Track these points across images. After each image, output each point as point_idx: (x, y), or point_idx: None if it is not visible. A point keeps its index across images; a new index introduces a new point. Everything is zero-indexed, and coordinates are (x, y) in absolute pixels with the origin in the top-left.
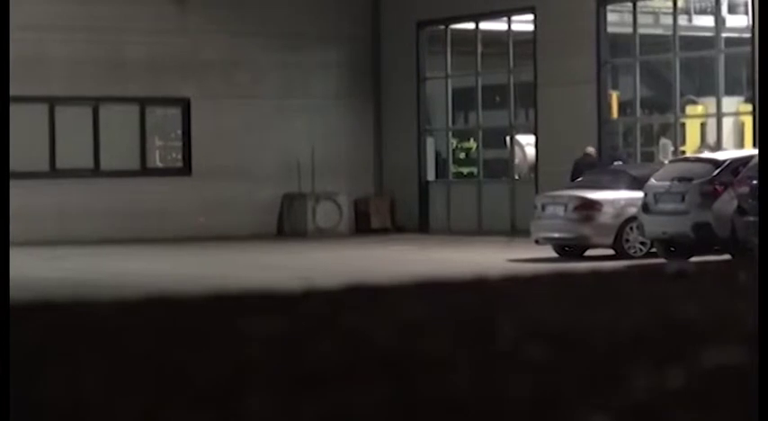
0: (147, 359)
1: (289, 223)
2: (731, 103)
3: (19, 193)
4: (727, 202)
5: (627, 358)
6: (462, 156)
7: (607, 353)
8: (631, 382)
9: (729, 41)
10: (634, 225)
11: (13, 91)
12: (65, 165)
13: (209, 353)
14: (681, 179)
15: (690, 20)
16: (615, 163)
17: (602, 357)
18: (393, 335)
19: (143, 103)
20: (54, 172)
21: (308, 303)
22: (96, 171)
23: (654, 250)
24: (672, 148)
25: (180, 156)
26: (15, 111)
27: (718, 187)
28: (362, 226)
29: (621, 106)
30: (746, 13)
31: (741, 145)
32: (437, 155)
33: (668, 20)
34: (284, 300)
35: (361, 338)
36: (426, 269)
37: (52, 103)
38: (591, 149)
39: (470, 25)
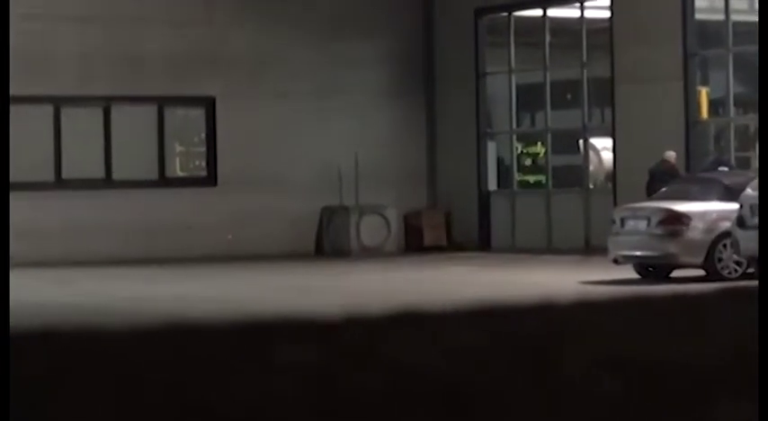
0: (165, 394)
1: (329, 240)
2: None
3: (20, 207)
4: None
5: (707, 398)
6: (528, 162)
7: (686, 391)
8: None
9: None
10: (728, 242)
11: (13, 90)
12: (72, 175)
13: (234, 387)
14: None
15: None
16: (720, 169)
17: (679, 395)
18: (444, 367)
19: (162, 103)
20: (60, 182)
21: (349, 332)
22: (108, 181)
23: (751, 270)
24: None
25: (204, 164)
26: (16, 112)
27: None
28: (413, 243)
29: (712, 105)
30: None
31: None
32: (499, 161)
33: None
34: (323, 329)
35: (406, 371)
36: (486, 293)
37: (58, 103)
38: (670, 154)
39: (537, 12)
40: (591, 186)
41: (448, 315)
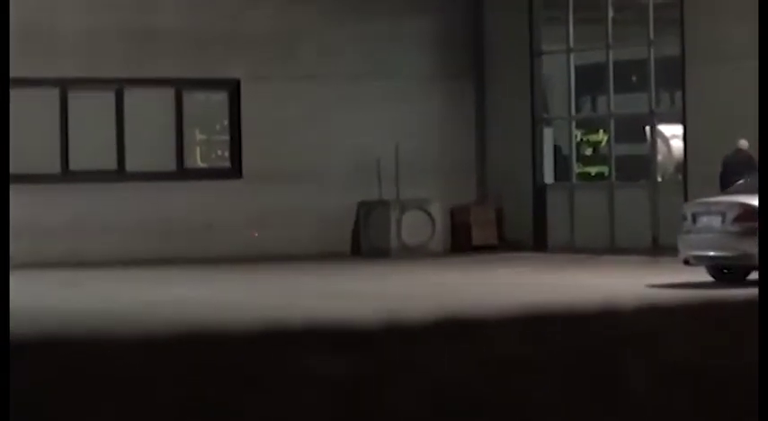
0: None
1: (366, 239)
2: None
3: (22, 202)
4: None
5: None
6: (589, 152)
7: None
8: None
9: None
10: None
11: (14, 71)
12: (80, 167)
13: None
14: None
15: None
16: None
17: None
18: (492, 382)
19: (180, 86)
20: (67, 175)
21: (387, 340)
22: (120, 173)
23: None
24: None
25: (227, 154)
26: (17, 97)
27: None
28: (461, 242)
29: None
30: None
31: None
32: (556, 151)
33: None
34: (357, 338)
35: (449, 386)
36: (541, 298)
37: (64, 86)
38: (744, 143)
39: None
40: (659, 179)
41: (497, 323)
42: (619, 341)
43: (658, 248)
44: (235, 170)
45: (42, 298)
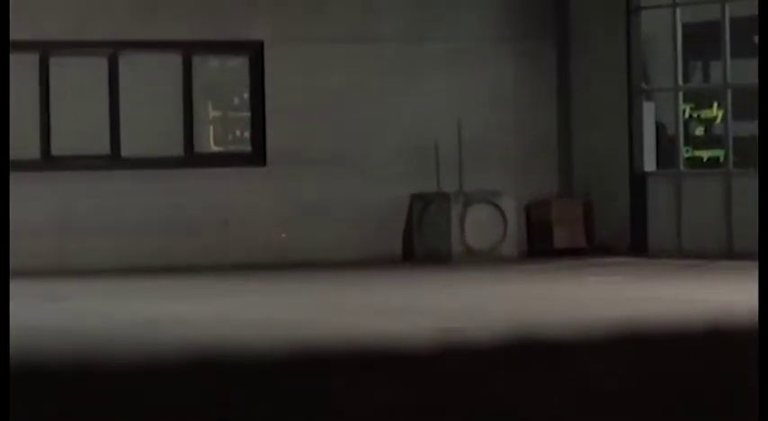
0: None
1: (421, 241)
2: None
3: None
4: None
5: None
6: (700, 131)
7: None
8: None
9: None
10: None
11: None
12: (65, 151)
13: None
14: None
15: None
16: None
17: None
18: (568, 414)
19: (188, 50)
20: (49, 161)
21: (446, 367)
22: (115, 159)
23: None
24: None
25: (247, 136)
26: None
27: None
28: (539, 244)
29: None
30: None
31: None
32: (659, 130)
33: None
34: (409, 362)
35: (518, 418)
36: (637, 314)
37: (46, 50)
38: None
39: None
40: None
41: (582, 346)
42: (726, 370)
43: None
44: (257, 155)
45: (20, 315)
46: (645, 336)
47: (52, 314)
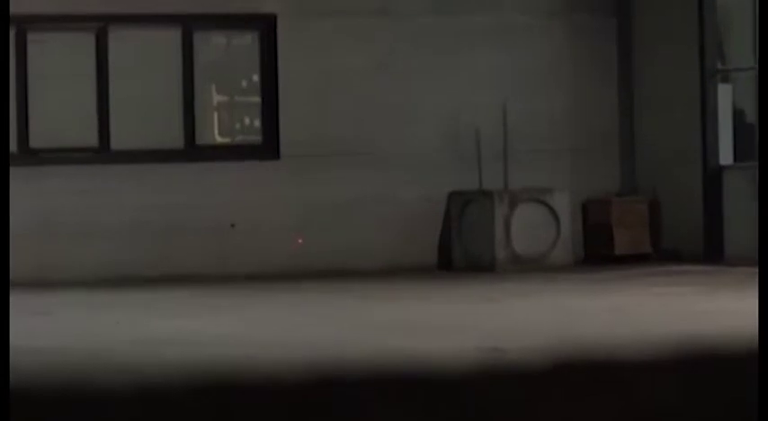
0: None
1: (460, 246)
2: None
3: None
4: None
5: None
6: None
7: None
8: None
9: None
10: None
11: None
12: (46, 143)
13: None
14: None
15: None
16: None
17: None
18: None
19: (189, 24)
20: (27, 155)
21: (487, 391)
22: (104, 153)
23: None
24: None
25: (257, 124)
26: None
27: None
28: (598, 250)
29: None
30: None
31: None
32: (737, 117)
33: None
34: (446, 388)
35: None
36: (708, 331)
37: (23, 25)
38: None
39: None
40: None
41: (642, 366)
42: None
43: None
44: (269, 147)
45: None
46: (715, 357)
47: (31, 331)
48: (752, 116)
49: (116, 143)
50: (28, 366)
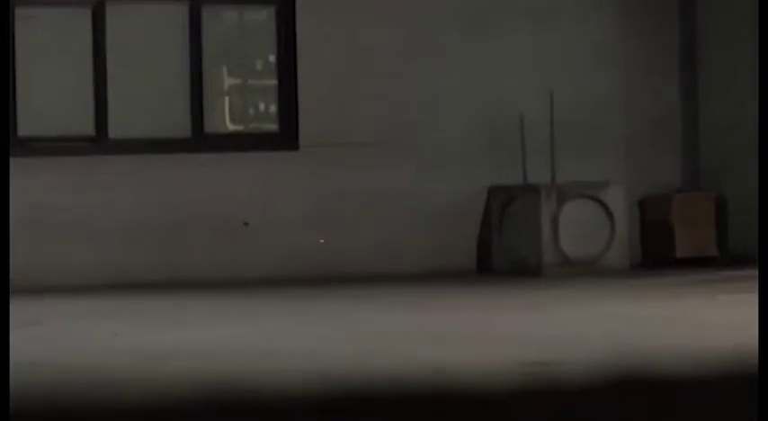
0: None
1: (502, 248)
2: None
3: None
4: None
5: None
6: None
7: None
8: None
9: None
10: None
11: None
12: (36, 131)
13: None
14: None
15: None
16: None
17: None
18: None
19: (197, 0)
20: (16, 144)
21: (533, 410)
22: (101, 142)
23: None
24: None
25: (274, 111)
26: None
27: None
28: (657, 252)
29: None
30: None
31: None
32: None
33: None
34: (487, 406)
35: None
36: None
37: (10, 0)
38: None
39: None
40: None
41: (702, 382)
42: None
43: None
44: (286, 136)
45: None
46: None
47: (21, 343)
48: None
49: (114, 132)
50: (14, 381)
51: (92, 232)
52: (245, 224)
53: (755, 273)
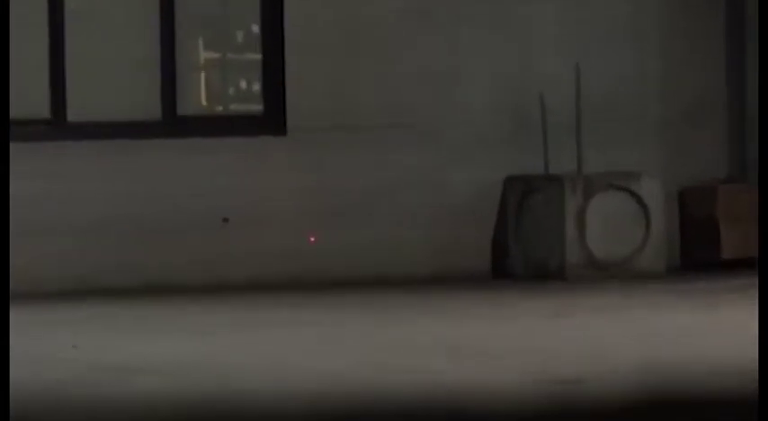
0: None
1: (521, 248)
2: None
3: None
4: None
5: None
6: None
7: None
8: None
9: None
10: None
11: None
12: None
13: None
14: None
15: None
16: None
17: None
18: None
19: None
20: None
21: None
22: (59, 125)
23: None
24: None
25: (258, 89)
26: None
27: None
28: (699, 252)
29: None
30: None
31: None
32: None
33: None
34: None
35: None
36: None
37: None
38: None
39: None
40: None
41: (739, 403)
42: None
43: None
44: (273, 118)
45: None
46: None
47: None
48: None
49: (74, 114)
50: None
51: (48, 230)
52: (225, 220)
53: None
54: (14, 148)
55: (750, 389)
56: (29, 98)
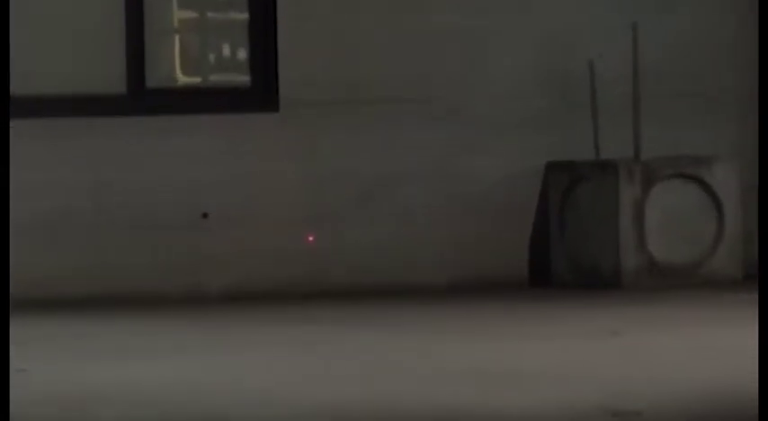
0: None
1: (565, 249)
2: None
3: None
4: None
5: None
6: None
7: None
8: None
9: None
10: None
11: None
12: None
13: None
14: None
15: None
16: None
17: None
18: None
19: None
20: None
21: None
22: (11, 102)
23: None
24: None
25: (243, 57)
26: None
27: None
28: None
29: None
30: None
31: None
32: None
33: None
34: None
35: None
36: None
37: None
38: None
39: None
40: None
41: None
42: None
43: None
44: (261, 92)
45: None
46: None
47: None
48: None
49: (22, 86)
50: None
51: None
52: (205, 216)
53: None
54: None
55: None
56: None
